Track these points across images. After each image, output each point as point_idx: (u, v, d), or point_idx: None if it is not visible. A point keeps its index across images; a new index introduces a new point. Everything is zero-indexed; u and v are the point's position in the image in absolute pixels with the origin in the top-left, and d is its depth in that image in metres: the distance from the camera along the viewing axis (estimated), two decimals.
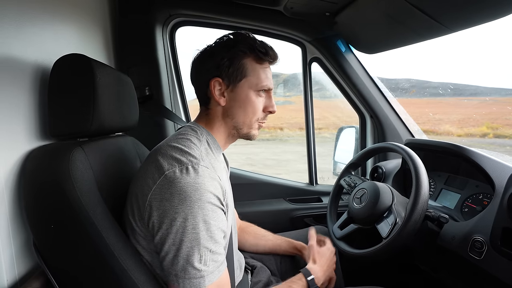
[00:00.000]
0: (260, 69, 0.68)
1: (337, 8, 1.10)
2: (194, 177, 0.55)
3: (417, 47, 1.15)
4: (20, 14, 0.64)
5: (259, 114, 0.70)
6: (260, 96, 0.69)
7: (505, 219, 0.70)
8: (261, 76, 0.68)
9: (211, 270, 0.54)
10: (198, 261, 0.53)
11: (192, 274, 0.53)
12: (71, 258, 0.59)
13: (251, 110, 0.68)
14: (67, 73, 0.64)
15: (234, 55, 0.66)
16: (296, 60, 1.43)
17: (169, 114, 1.22)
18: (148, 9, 1.19)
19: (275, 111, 0.72)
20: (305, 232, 1.10)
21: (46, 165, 0.59)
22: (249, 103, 0.67)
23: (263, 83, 0.68)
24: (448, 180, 1.04)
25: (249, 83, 0.67)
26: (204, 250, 0.53)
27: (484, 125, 4.90)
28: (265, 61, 0.69)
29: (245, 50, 0.66)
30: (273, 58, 0.70)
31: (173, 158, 0.57)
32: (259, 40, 0.69)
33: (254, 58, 0.67)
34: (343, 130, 1.57)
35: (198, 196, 0.54)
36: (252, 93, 0.67)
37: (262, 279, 0.85)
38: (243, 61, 0.66)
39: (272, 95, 0.72)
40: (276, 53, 0.70)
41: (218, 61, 0.66)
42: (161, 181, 0.55)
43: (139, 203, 0.58)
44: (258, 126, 0.72)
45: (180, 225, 0.53)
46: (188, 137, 0.64)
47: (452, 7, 0.84)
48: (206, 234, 0.54)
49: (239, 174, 1.40)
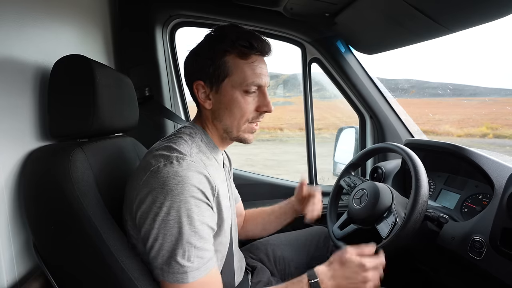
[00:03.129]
0: (245, 65, 0.61)
1: (336, 8, 1.10)
2: (177, 169, 0.53)
3: (416, 47, 1.15)
4: (20, 15, 0.65)
5: (248, 115, 0.64)
6: (248, 95, 0.63)
7: (504, 219, 0.70)
8: (247, 73, 0.61)
9: (196, 266, 0.53)
10: (182, 256, 0.52)
11: (175, 268, 0.52)
12: (71, 259, 0.59)
13: (238, 112, 0.63)
14: (67, 73, 0.64)
15: (214, 54, 0.61)
16: (296, 61, 1.43)
17: (169, 113, 1.23)
18: (148, 10, 1.19)
19: (271, 110, 0.65)
20: (306, 232, 1.11)
21: (46, 165, 0.59)
22: (235, 104, 0.62)
23: (249, 80, 0.61)
24: (448, 181, 1.04)
25: (232, 83, 0.62)
26: (188, 246, 0.52)
27: (484, 125, 4.91)
28: (250, 55, 0.61)
29: (226, 47, 0.61)
30: (262, 50, 0.62)
31: (161, 155, 0.57)
32: (244, 31, 0.62)
33: (238, 54, 0.61)
34: (343, 131, 1.57)
35: (180, 189, 0.52)
36: (237, 93, 0.62)
37: (262, 280, 0.85)
38: (225, 59, 0.61)
39: (267, 91, 0.65)
40: (266, 43, 0.63)
41: (201, 63, 0.63)
42: (146, 177, 0.55)
43: (131, 202, 0.58)
44: (250, 128, 0.66)
45: (163, 219, 0.52)
46: (180, 135, 0.63)
47: (451, 7, 0.85)
48: (190, 229, 0.53)
49: (239, 175, 1.40)
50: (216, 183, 0.60)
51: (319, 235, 1.08)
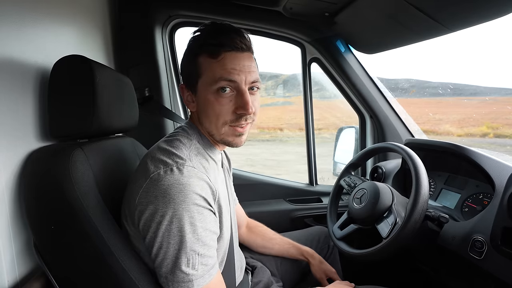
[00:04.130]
0: (215, 63, 0.57)
1: (336, 8, 1.10)
2: (178, 178, 0.53)
3: (416, 47, 1.15)
4: (20, 16, 0.65)
5: (225, 117, 0.59)
6: (221, 96, 0.58)
7: (505, 219, 0.70)
8: (215, 70, 0.57)
9: (200, 274, 0.53)
10: (186, 264, 0.52)
11: (180, 277, 0.52)
12: (72, 259, 0.59)
13: (213, 114, 0.59)
14: (67, 74, 0.64)
15: (189, 56, 0.61)
16: (296, 61, 1.43)
17: (169, 113, 1.23)
18: (147, 10, 1.19)
19: (249, 112, 0.58)
20: (306, 232, 1.11)
21: (46, 166, 0.59)
22: (208, 105, 0.59)
23: (217, 76, 0.56)
24: (448, 180, 1.04)
25: (203, 83, 0.59)
26: (192, 253, 0.52)
27: (484, 124, 4.91)
28: (219, 53, 0.57)
29: (197, 50, 0.59)
30: (233, 45, 0.57)
31: (160, 160, 0.56)
32: (216, 28, 0.59)
33: (208, 54, 0.58)
34: (343, 131, 1.57)
35: (182, 198, 0.52)
36: (209, 94, 0.58)
37: (262, 279, 0.85)
38: (197, 60, 0.59)
39: (246, 90, 0.58)
40: (238, 38, 0.58)
41: (182, 65, 0.64)
42: (146, 184, 0.54)
43: (130, 208, 0.58)
44: (233, 131, 0.61)
45: (166, 228, 0.52)
46: (178, 137, 0.63)
47: (451, 6, 0.84)
48: (193, 237, 0.52)
49: (239, 175, 1.40)
50: (216, 187, 0.60)
51: (319, 235, 1.09)
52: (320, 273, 0.93)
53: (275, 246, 0.98)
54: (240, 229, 0.98)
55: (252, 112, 0.59)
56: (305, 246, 0.98)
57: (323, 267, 0.95)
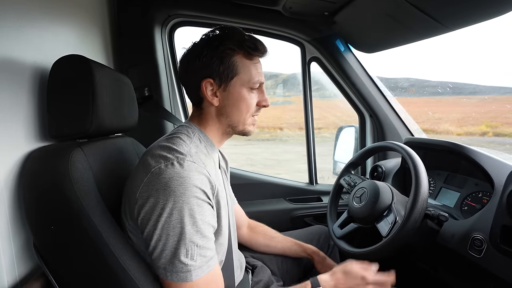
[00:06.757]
0: (251, 65, 0.67)
1: (336, 7, 1.10)
2: (178, 171, 0.55)
3: (416, 46, 1.15)
4: (19, 16, 0.64)
5: (252, 110, 0.69)
6: (252, 92, 0.68)
7: (504, 217, 0.70)
8: (253, 72, 0.66)
9: (199, 265, 0.55)
10: (185, 255, 0.53)
11: (179, 268, 0.53)
12: (71, 259, 0.59)
13: (245, 108, 0.67)
14: (66, 74, 0.64)
15: (223, 53, 0.64)
16: (295, 60, 1.43)
17: (168, 115, 1.22)
18: (146, 9, 1.19)
19: (268, 105, 0.72)
20: (306, 232, 1.11)
21: (46, 166, 0.59)
22: (242, 100, 0.67)
23: (255, 79, 0.67)
24: (448, 179, 1.04)
25: (241, 81, 0.66)
26: (191, 245, 0.54)
27: (484, 123, 4.91)
28: (255, 56, 0.67)
29: (233, 47, 0.65)
30: (263, 52, 0.69)
31: (160, 156, 0.58)
32: (247, 35, 0.67)
33: (244, 55, 0.66)
34: (342, 130, 1.57)
35: (183, 190, 0.53)
36: (245, 90, 0.67)
37: (262, 279, 0.85)
38: (233, 58, 0.65)
39: (264, 89, 0.72)
40: (265, 47, 0.69)
41: (207, 61, 0.64)
42: (147, 178, 0.55)
43: (130, 203, 0.58)
44: (252, 120, 0.71)
45: (166, 219, 0.53)
46: (178, 135, 0.64)
47: (450, 5, 0.85)
48: (192, 229, 0.54)
49: (239, 174, 1.40)
50: (215, 182, 0.61)
51: (319, 234, 1.09)
52: (325, 270, 0.93)
53: (278, 245, 0.98)
54: (240, 229, 0.98)
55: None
56: (307, 244, 0.98)
57: (328, 263, 0.95)
